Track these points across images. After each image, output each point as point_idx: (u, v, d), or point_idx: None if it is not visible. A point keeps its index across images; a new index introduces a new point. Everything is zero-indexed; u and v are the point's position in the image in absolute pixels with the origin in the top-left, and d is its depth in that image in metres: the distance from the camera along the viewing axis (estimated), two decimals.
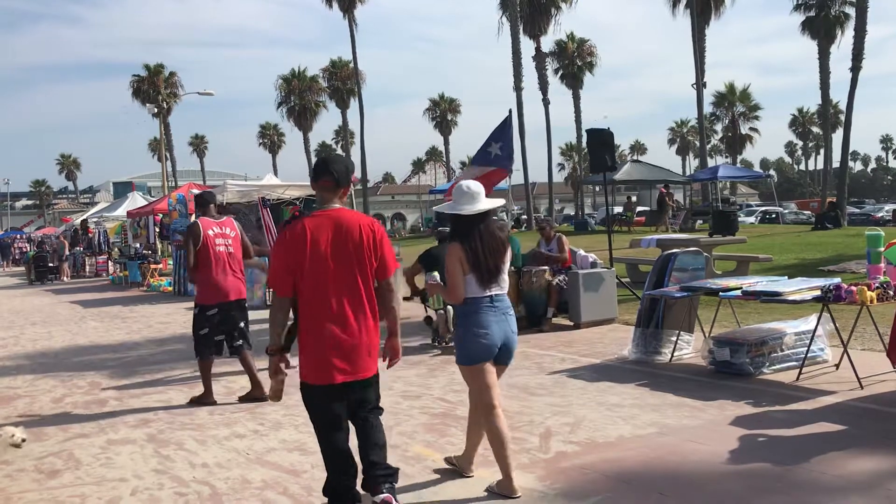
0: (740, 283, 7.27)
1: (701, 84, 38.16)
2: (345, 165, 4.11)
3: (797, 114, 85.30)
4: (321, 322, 3.91)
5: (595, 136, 12.81)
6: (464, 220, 4.39)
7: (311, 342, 3.95)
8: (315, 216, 3.99)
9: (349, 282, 3.95)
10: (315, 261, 3.89)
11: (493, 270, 4.36)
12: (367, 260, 3.98)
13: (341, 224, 3.96)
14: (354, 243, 3.96)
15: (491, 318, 4.35)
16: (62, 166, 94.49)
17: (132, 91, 56.30)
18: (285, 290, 3.95)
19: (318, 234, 3.92)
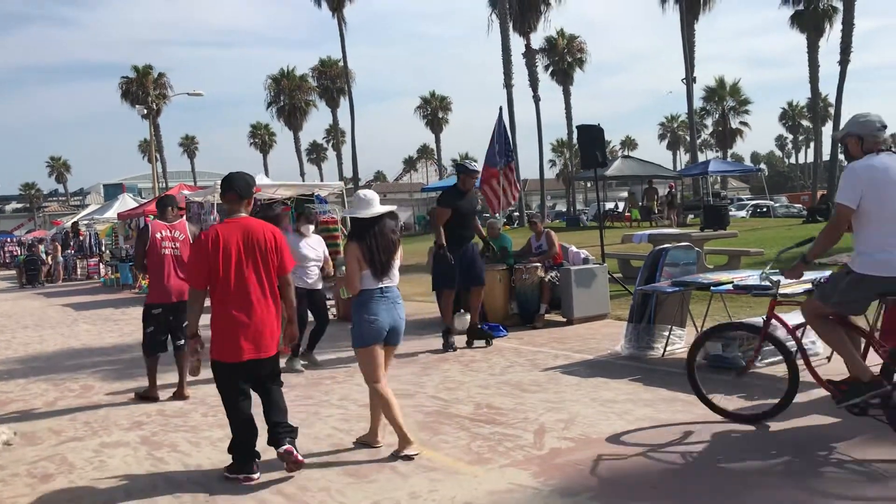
0: (732, 278, 7.29)
1: (691, 79, 38.29)
2: (245, 181, 4.95)
3: (787, 107, 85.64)
4: (232, 310, 4.70)
5: (585, 132, 12.82)
6: (360, 223, 5.10)
7: (223, 326, 4.73)
8: (226, 223, 4.83)
9: (255, 277, 4.76)
10: (227, 259, 4.69)
11: (385, 266, 5.07)
12: (270, 259, 4.81)
13: (248, 230, 4.80)
14: (259, 246, 4.78)
15: (381, 307, 5.06)
16: (52, 169, 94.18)
17: (121, 93, 56.20)
18: (201, 284, 4.77)
19: (229, 238, 4.72)
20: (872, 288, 4.61)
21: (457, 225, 8.86)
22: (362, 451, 5.23)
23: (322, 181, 47.80)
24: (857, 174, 4.52)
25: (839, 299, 4.73)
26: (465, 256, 8.86)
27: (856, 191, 4.48)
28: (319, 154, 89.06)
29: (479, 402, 6.38)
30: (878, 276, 4.53)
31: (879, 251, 4.52)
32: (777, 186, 79.67)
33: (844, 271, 4.73)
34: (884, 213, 4.48)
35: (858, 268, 4.60)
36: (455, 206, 8.84)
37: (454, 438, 5.43)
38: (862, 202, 4.48)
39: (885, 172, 4.47)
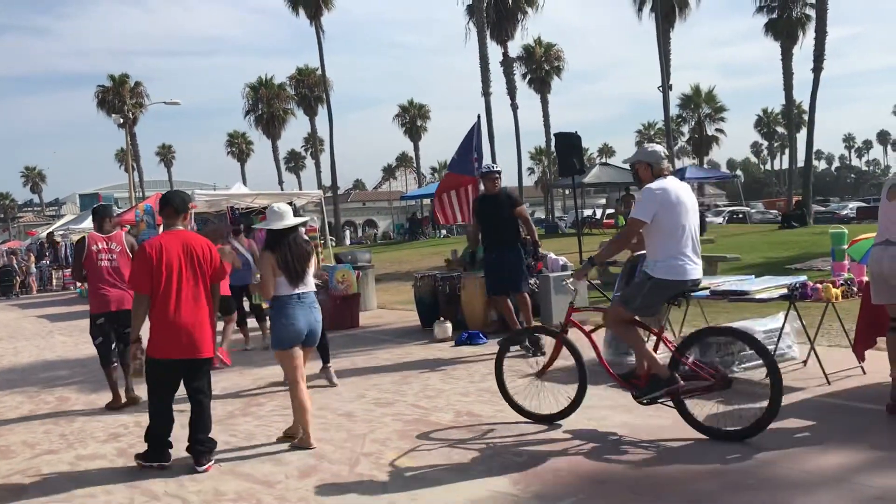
0: (709, 283, 7.34)
1: (667, 86, 38.53)
2: (181, 198, 5.56)
3: (762, 114, 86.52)
4: (171, 313, 5.15)
5: (563, 139, 12.91)
6: (275, 234, 5.61)
7: (162, 327, 5.18)
8: (167, 234, 5.39)
9: (192, 284, 5.25)
10: (169, 267, 5.17)
11: (299, 273, 5.57)
12: (205, 268, 5.33)
13: (187, 241, 5.34)
14: (196, 256, 5.29)
15: (298, 311, 5.52)
16: (27, 179, 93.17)
17: (97, 102, 55.73)
18: (145, 289, 5.20)
19: (170, 248, 5.23)
20: (668, 291, 5.28)
21: (486, 229, 8.75)
22: (342, 461, 5.21)
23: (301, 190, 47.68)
24: (653, 194, 5.22)
25: (641, 303, 5.32)
26: (498, 261, 8.63)
27: (652, 208, 5.18)
28: (298, 162, 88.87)
29: (460, 410, 6.37)
30: (672, 280, 5.21)
31: (672, 258, 5.19)
32: (753, 193, 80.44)
33: (645, 278, 5.28)
34: (673, 227, 5.18)
35: (657, 274, 5.22)
36: (480, 210, 8.85)
37: (434, 446, 5.42)
38: (656, 217, 5.17)
39: (673, 193, 5.23)
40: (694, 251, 5.28)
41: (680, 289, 5.28)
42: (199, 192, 19.48)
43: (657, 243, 5.25)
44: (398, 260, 24.16)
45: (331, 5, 47.23)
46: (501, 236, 8.68)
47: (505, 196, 8.86)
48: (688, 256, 5.23)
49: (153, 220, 20.37)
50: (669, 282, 5.21)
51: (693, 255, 5.27)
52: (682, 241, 5.21)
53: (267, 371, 8.80)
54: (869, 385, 6.14)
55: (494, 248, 8.66)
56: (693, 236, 5.29)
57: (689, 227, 5.25)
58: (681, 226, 5.20)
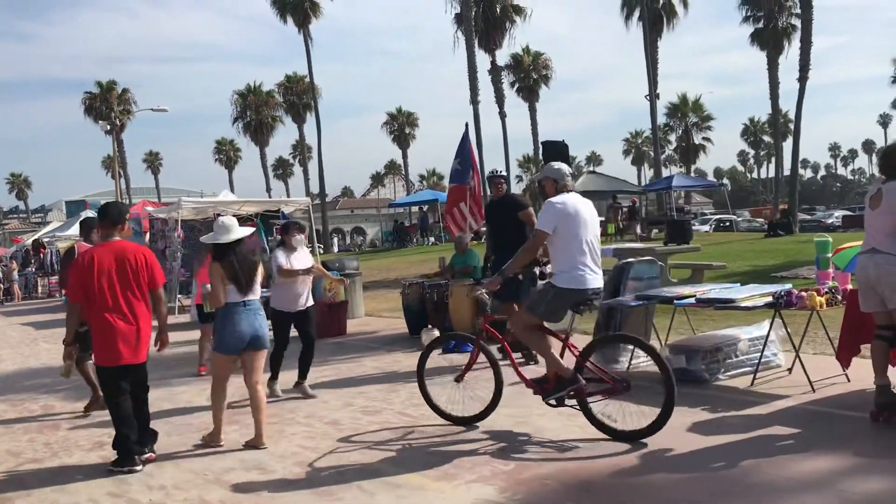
0: (695, 291, 7.38)
1: (654, 95, 38.81)
2: (119, 210, 5.84)
3: (749, 123, 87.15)
4: (108, 321, 5.41)
5: (551, 147, 12.89)
6: (223, 247, 5.90)
7: (102, 336, 5.44)
8: (101, 246, 5.61)
9: (128, 292, 5.49)
10: (101, 277, 5.42)
11: (247, 282, 5.87)
12: (141, 277, 5.54)
13: (120, 252, 5.54)
14: (131, 265, 5.51)
15: (243, 318, 5.83)
16: (12, 185, 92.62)
17: (84, 108, 55.48)
18: (78, 298, 5.52)
19: (103, 259, 5.47)
20: (570, 299, 5.57)
21: (494, 234, 8.53)
22: (328, 470, 5.20)
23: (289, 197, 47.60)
24: (555, 208, 5.53)
25: (545, 310, 5.63)
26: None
27: (553, 221, 5.49)
28: (286, 170, 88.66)
29: None
30: (574, 289, 5.50)
31: (574, 269, 5.48)
32: (740, 201, 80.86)
33: (549, 286, 5.60)
34: (572, 238, 5.48)
35: (560, 283, 5.51)
36: (489, 215, 8.83)
37: (421, 455, 5.41)
38: (557, 230, 5.47)
39: (574, 207, 5.55)
40: (593, 261, 5.56)
41: (581, 297, 5.56)
42: (185, 199, 19.41)
43: (559, 254, 5.55)
44: (386, 267, 24.13)
45: (319, 13, 47.26)
46: (510, 241, 8.13)
47: (511, 200, 8.78)
48: (588, 266, 5.52)
49: (140, 228, 20.28)
50: (571, 290, 5.50)
51: (592, 265, 5.55)
52: (582, 252, 5.50)
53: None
54: (853, 392, 6.18)
55: (503, 252, 8.02)
56: (592, 248, 5.57)
57: (587, 239, 5.54)
58: (579, 237, 5.50)
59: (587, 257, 5.52)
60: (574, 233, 5.50)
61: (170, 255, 17.92)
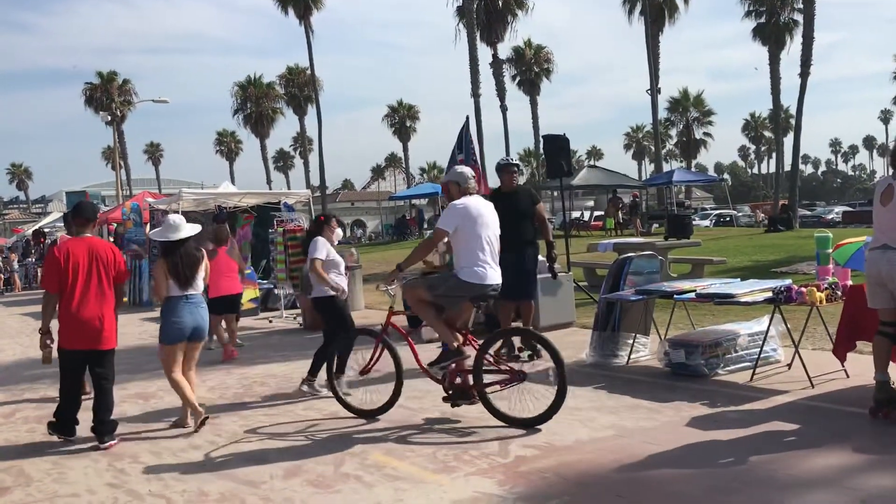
0: (695, 286, 7.38)
1: (655, 90, 38.75)
2: (92, 208, 6.36)
3: (749, 118, 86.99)
4: (77, 309, 5.82)
5: (551, 141, 12.89)
6: (169, 244, 6.34)
7: (69, 322, 5.85)
8: (75, 240, 6.05)
9: (96, 284, 5.90)
10: (75, 269, 5.84)
11: (189, 278, 6.27)
12: (110, 271, 6.00)
13: (92, 247, 6.02)
14: (101, 260, 5.96)
15: (185, 311, 6.21)
16: (13, 176, 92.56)
17: (85, 99, 55.48)
18: (54, 288, 5.89)
19: (77, 253, 5.90)
20: (469, 292, 5.92)
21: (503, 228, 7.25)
22: (327, 461, 5.20)
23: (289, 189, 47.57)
24: (457, 209, 5.96)
25: (443, 292, 5.99)
26: (517, 264, 7.77)
27: (454, 221, 5.91)
28: (287, 162, 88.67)
29: (445, 411, 6.36)
30: (474, 283, 5.87)
31: (474, 265, 5.87)
32: (740, 196, 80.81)
33: (454, 273, 6.00)
34: (474, 238, 5.89)
35: (462, 276, 5.89)
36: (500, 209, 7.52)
37: (419, 447, 5.42)
38: (458, 230, 5.89)
39: (476, 209, 5.99)
40: (493, 258, 6.00)
41: (480, 291, 5.93)
42: (186, 190, 19.38)
43: (462, 252, 5.95)
44: (386, 260, 24.13)
45: (320, 5, 47.17)
46: (522, 236, 7.92)
47: (525, 191, 8.38)
48: (487, 263, 5.93)
49: (140, 219, 20.28)
50: (472, 284, 5.88)
51: (492, 262, 5.98)
52: (483, 250, 5.92)
53: (254, 370, 8.78)
54: (852, 388, 6.18)
55: (513, 248, 7.60)
56: (492, 246, 6.01)
57: (488, 238, 5.98)
58: (481, 237, 5.93)
59: (487, 255, 5.94)
60: (476, 233, 5.91)
61: None
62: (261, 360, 9.49)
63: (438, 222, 6.08)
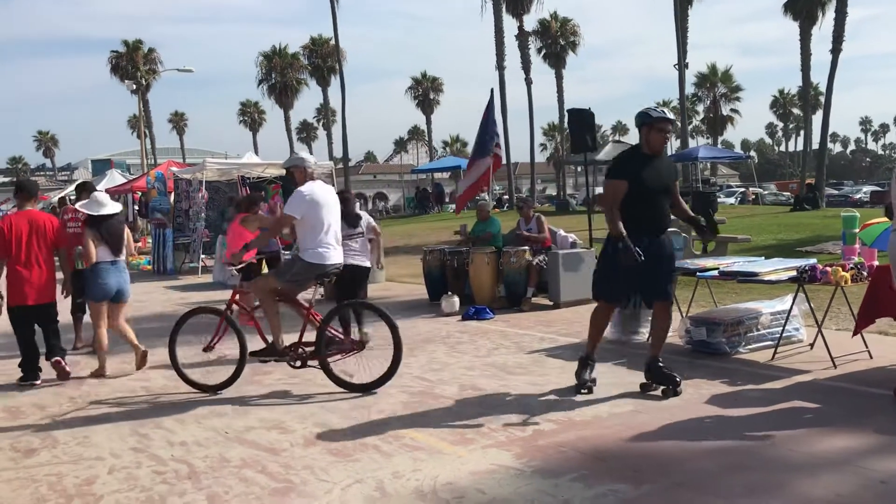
0: (718, 264, 7.33)
1: (683, 65, 38.19)
2: (35, 185, 7.72)
3: (778, 95, 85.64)
4: (21, 271, 6.98)
5: (577, 116, 12.81)
6: (97, 218, 7.25)
7: (15, 282, 7.00)
8: (18, 214, 7.17)
9: (38, 249, 7.06)
10: (18, 238, 6.99)
11: (116, 246, 7.32)
12: (49, 238, 7.13)
13: (33, 219, 7.15)
14: (40, 229, 7.09)
15: (111, 274, 7.29)
16: (40, 143, 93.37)
17: (111, 67, 55.60)
18: (5, 256, 6.98)
19: (20, 224, 7.04)
20: (313, 272, 6.34)
21: (640, 206, 5.73)
22: (347, 431, 5.26)
23: None
24: (303, 195, 6.30)
25: (290, 278, 6.38)
26: (656, 254, 5.77)
27: (303, 208, 6.25)
28: (310, 133, 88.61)
29: (464, 384, 6.41)
30: (318, 263, 6.29)
31: (317, 247, 6.27)
32: (766, 174, 79.89)
33: (297, 258, 6.37)
34: (318, 222, 6.28)
35: (306, 258, 6.29)
36: (635, 176, 5.73)
37: (438, 419, 5.45)
38: (305, 215, 6.26)
39: (321, 196, 6.37)
40: (335, 240, 6.42)
41: (323, 270, 6.36)
42: (210, 160, 19.50)
43: (306, 235, 6.32)
44: (407, 233, 24.17)
45: None
46: (663, 215, 5.97)
47: (669, 160, 6.38)
48: (330, 245, 6.36)
49: (164, 188, 20.42)
50: (315, 265, 6.30)
51: (334, 244, 6.40)
52: (325, 233, 6.32)
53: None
54: (875, 369, 6.14)
55: (650, 230, 5.82)
56: (335, 229, 6.42)
57: (330, 222, 6.37)
58: (323, 221, 6.31)
59: (330, 237, 6.36)
60: (319, 217, 6.29)
61: (194, 216, 18.05)
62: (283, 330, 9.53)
63: (286, 208, 6.41)
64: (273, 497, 4.16)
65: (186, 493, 4.29)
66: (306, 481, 4.37)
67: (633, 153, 5.98)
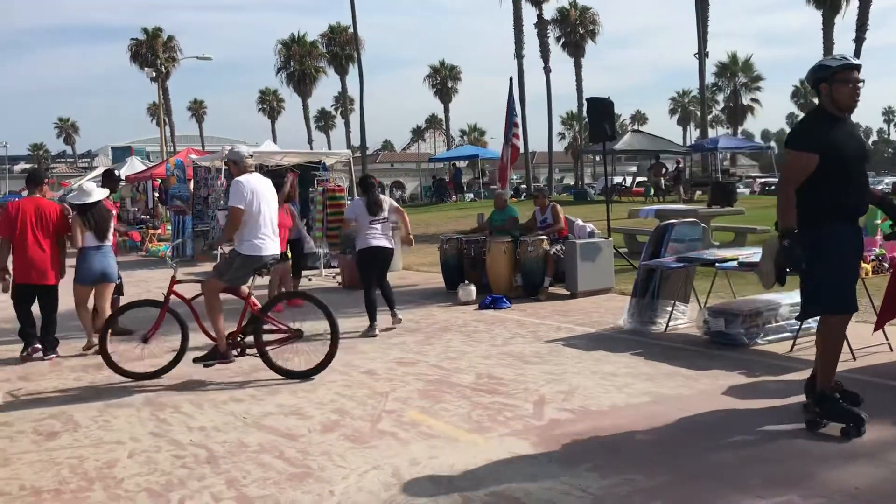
0: (737, 254, 7.29)
1: (703, 54, 37.88)
2: (39, 175, 8.79)
3: (799, 85, 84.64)
4: (26, 252, 7.52)
5: (596, 105, 12.76)
6: (83, 206, 7.77)
7: (21, 262, 7.54)
8: (26, 200, 7.79)
9: (43, 233, 7.60)
10: (24, 222, 7.55)
11: (102, 232, 7.77)
12: (53, 225, 7.68)
13: (39, 205, 7.71)
14: (47, 216, 7.66)
15: (96, 259, 7.74)
16: (60, 130, 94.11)
17: (130, 55, 55.95)
18: (6, 235, 7.58)
19: (26, 209, 7.63)
20: (252, 264, 6.46)
21: (838, 185, 4.49)
22: (364, 418, 5.28)
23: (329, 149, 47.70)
24: (243, 185, 6.42)
25: (231, 275, 6.45)
26: (852, 249, 4.65)
27: (245, 197, 6.36)
28: (328, 121, 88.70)
29: (481, 372, 6.42)
30: (254, 255, 6.41)
31: (254, 239, 6.37)
32: None
33: (235, 255, 6.44)
34: (256, 213, 6.36)
35: (243, 251, 6.39)
36: (829, 145, 4.48)
37: (455, 407, 5.47)
38: (249, 206, 6.35)
39: (257, 186, 6.47)
40: (273, 231, 6.52)
41: (262, 262, 6.49)
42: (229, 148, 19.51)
43: (244, 226, 6.38)
44: (424, 222, 24.18)
45: None
46: (866, 196, 4.80)
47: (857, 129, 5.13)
48: (267, 236, 6.44)
49: (184, 175, 20.53)
50: (252, 257, 6.40)
51: (271, 235, 6.49)
52: (261, 224, 6.40)
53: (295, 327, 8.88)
54: (895, 362, 6.09)
55: (853, 219, 4.68)
56: (271, 220, 6.50)
57: (266, 213, 6.45)
58: (260, 212, 6.40)
59: (267, 228, 6.45)
60: (257, 208, 6.38)
61: (213, 203, 18.13)
62: (299, 317, 9.59)
63: (230, 201, 6.49)
64: (290, 482, 4.20)
65: (205, 477, 4.33)
66: (323, 467, 4.40)
67: (817, 117, 4.67)
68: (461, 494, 3.92)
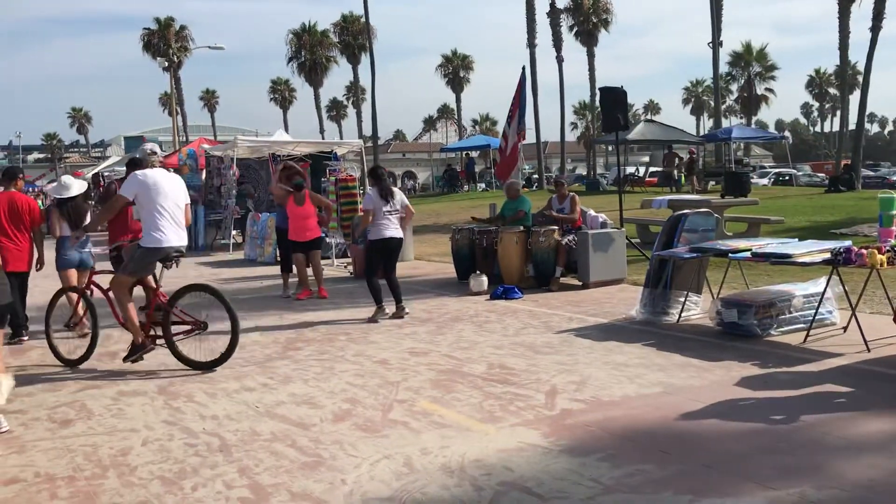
0: (750, 245, 7.25)
1: (717, 43, 37.58)
2: (14, 170, 8.63)
3: (814, 74, 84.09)
4: (8, 244, 7.77)
5: (608, 94, 12.69)
6: (63, 200, 8.26)
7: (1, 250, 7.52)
8: (2, 194, 7.99)
9: (16, 226, 7.93)
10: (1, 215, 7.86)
11: (77, 223, 8.08)
12: (26, 217, 8.01)
13: (12, 199, 8.01)
14: (19, 208, 7.97)
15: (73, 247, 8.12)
16: (74, 120, 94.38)
17: (143, 45, 55.99)
18: None
19: (1, 202, 7.91)
20: (154, 256, 6.59)
21: None
22: (375, 407, 5.30)
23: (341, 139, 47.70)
24: (137, 179, 6.61)
25: (134, 268, 6.63)
26: None
27: (134, 190, 6.57)
28: (339, 111, 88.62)
29: (493, 362, 6.42)
30: (155, 247, 6.54)
31: (154, 231, 6.52)
32: (801, 155, 78.55)
33: (136, 247, 6.66)
34: (153, 206, 6.52)
35: (144, 243, 6.57)
36: None
37: (466, 397, 5.48)
38: (139, 198, 6.58)
39: (155, 180, 6.61)
40: (175, 224, 6.63)
41: (164, 253, 6.60)
42: (241, 138, 19.58)
43: (144, 219, 6.63)
44: (436, 212, 24.17)
45: None
46: None
47: None
48: (166, 228, 6.58)
49: (196, 164, 20.57)
50: (152, 249, 6.55)
51: (174, 227, 6.62)
52: (161, 217, 6.55)
53: (306, 317, 8.93)
54: None
55: None
56: (171, 213, 6.61)
57: (166, 206, 6.58)
58: (159, 205, 6.55)
59: (167, 221, 6.57)
60: (154, 201, 6.53)
61: (225, 193, 18.19)
62: (312, 307, 9.66)
63: (121, 189, 6.74)
64: (303, 470, 4.21)
65: (218, 465, 4.35)
66: (335, 456, 4.41)
67: None
68: (472, 484, 3.93)
